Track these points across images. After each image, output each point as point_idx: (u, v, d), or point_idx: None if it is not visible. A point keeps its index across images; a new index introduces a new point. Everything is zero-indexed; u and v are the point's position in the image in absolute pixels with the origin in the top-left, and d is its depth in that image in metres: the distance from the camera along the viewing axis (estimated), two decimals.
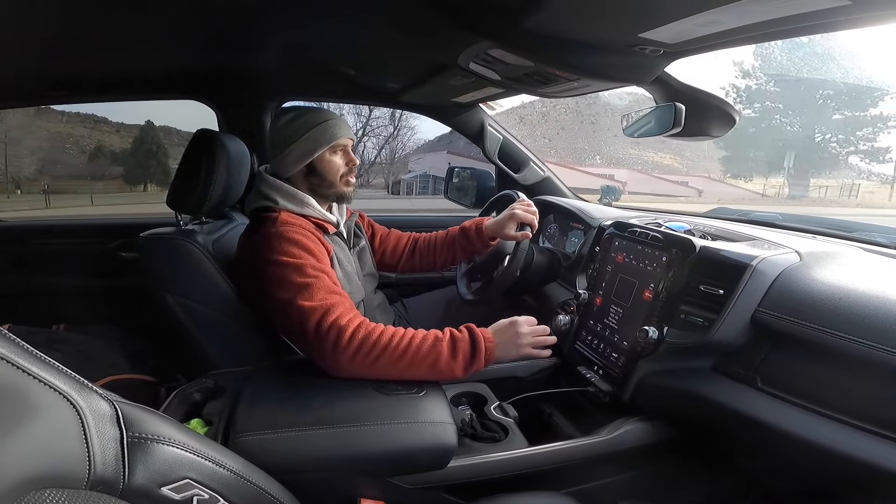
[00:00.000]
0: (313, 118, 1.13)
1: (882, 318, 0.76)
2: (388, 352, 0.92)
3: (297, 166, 1.15)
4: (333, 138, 1.13)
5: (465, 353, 0.95)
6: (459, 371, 0.94)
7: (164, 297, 1.13)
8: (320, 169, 1.15)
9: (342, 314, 0.94)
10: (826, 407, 0.80)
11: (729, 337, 0.93)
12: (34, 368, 0.37)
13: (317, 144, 1.13)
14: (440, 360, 0.93)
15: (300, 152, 1.13)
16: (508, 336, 1.00)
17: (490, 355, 0.96)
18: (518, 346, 1.00)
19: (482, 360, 0.96)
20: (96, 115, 12.60)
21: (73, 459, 0.38)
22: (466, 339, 0.96)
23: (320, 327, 0.92)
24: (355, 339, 0.91)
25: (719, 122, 1.11)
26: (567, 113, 12.85)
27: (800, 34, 0.79)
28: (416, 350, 0.93)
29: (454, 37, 1.01)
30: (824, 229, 1.25)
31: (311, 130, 1.12)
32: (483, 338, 0.97)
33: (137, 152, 12.28)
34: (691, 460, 1.11)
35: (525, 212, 1.34)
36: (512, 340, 1.00)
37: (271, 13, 1.03)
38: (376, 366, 0.92)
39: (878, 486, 0.73)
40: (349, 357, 0.91)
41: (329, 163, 1.15)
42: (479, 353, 0.95)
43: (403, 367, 0.93)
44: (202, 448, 0.51)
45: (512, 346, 1.00)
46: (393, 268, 1.51)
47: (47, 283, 1.87)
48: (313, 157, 1.13)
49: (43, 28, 1.03)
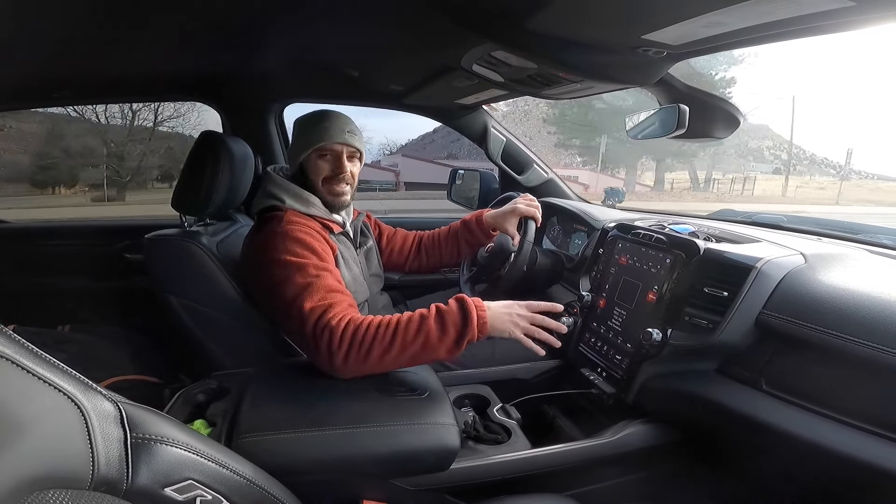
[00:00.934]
0: (316, 119, 1.14)
1: (888, 321, 0.75)
2: (378, 343, 0.89)
3: (293, 164, 1.18)
4: (318, 141, 1.12)
5: (456, 324, 0.90)
6: (451, 344, 0.89)
7: (169, 298, 1.13)
8: (307, 170, 1.15)
9: (335, 314, 0.92)
10: (831, 409, 0.79)
11: (733, 339, 0.93)
12: (38, 369, 0.37)
13: (306, 145, 1.13)
14: (430, 338, 0.89)
15: (294, 150, 1.16)
16: (504, 310, 0.93)
17: (483, 325, 0.90)
18: (513, 324, 0.93)
19: (474, 329, 0.89)
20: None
21: (77, 460, 0.39)
22: (455, 309, 0.91)
23: (316, 330, 0.91)
24: (345, 337, 0.89)
25: (723, 124, 1.11)
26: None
27: (803, 35, 0.78)
28: (403, 334, 0.89)
29: (457, 39, 1.01)
30: (830, 231, 1.24)
31: (308, 130, 1.13)
32: (475, 306, 0.91)
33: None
34: (695, 463, 1.10)
35: (527, 206, 1.34)
36: (507, 316, 0.93)
37: (276, 15, 1.04)
38: (369, 360, 0.89)
39: (884, 490, 0.73)
40: (343, 357, 0.89)
41: (314, 165, 1.14)
42: (470, 321, 0.89)
43: (396, 355, 0.89)
44: (205, 449, 0.51)
45: (507, 321, 0.92)
46: (400, 267, 1.50)
47: (52, 285, 1.88)
48: (301, 157, 1.14)
49: (48, 30, 1.04)
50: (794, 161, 29.21)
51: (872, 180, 24.87)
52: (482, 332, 0.91)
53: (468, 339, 0.90)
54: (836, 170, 30.19)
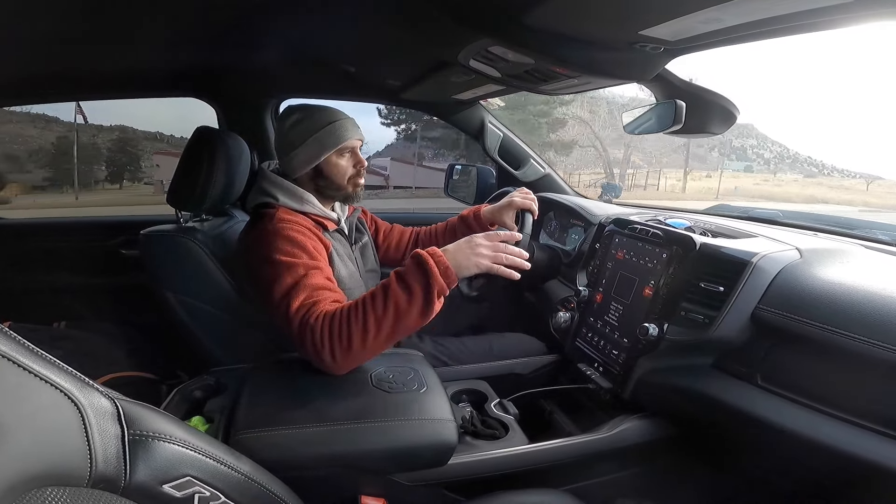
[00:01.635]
0: (319, 120, 1.12)
1: (883, 316, 0.76)
2: (353, 326, 0.87)
3: (303, 169, 1.13)
4: (340, 141, 1.11)
5: (418, 279, 0.86)
6: (420, 302, 0.86)
7: (165, 294, 1.13)
8: (327, 172, 1.13)
9: (313, 312, 0.91)
10: (827, 405, 0.80)
11: (729, 334, 0.93)
12: (35, 366, 0.37)
13: (323, 148, 1.11)
14: (399, 303, 0.86)
15: (306, 156, 1.12)
16: (465, 247, 0.91)
17: (446, 269, 0.87)
18: (478, 256, 0.90)
19: (438, 277, 0.86)
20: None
21: (75, 457, 0.39)
22: (412, 265, 0.88)
23: (301, 332, 0.90)
24: (324, 332, 0.88)
25: (719, 119, 1.10)
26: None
27: (801, 31, 0.78)
28: (372, 310, 0.87)
29: (455, 34, 1.00)
30: (825, 226, 1.25)
31: (317, 133, 1.11)
32: (429, 254, 0.88)
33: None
34: (692, 458, 1.11)
35: (523, 199, 1.33)
36: (469, 250, 0.91)
37: (272, 10, 1.03)
38: (353, 347, 0.87)
39: (878, 485, 0.73)
40: (329, 353, 0.88)
41: (336, 166, 1.13)
42: (431, 271, 0.86)
43: (375, 333, 0.87)
44: (203, 445, 0.51)
45: (470, 256, 0.90)
46: (398, 262, 1.50)
47: (48, 281, 1.87)
48: (319, 161, 1.12)
49: (43, 26, 1.03)
50: (771, 159, 30.01)
51: (844, 178, 25.83)
52: (448, 278, 0.88)
53: (437, 290, 0.86)
54: (818, 168, 31.49)
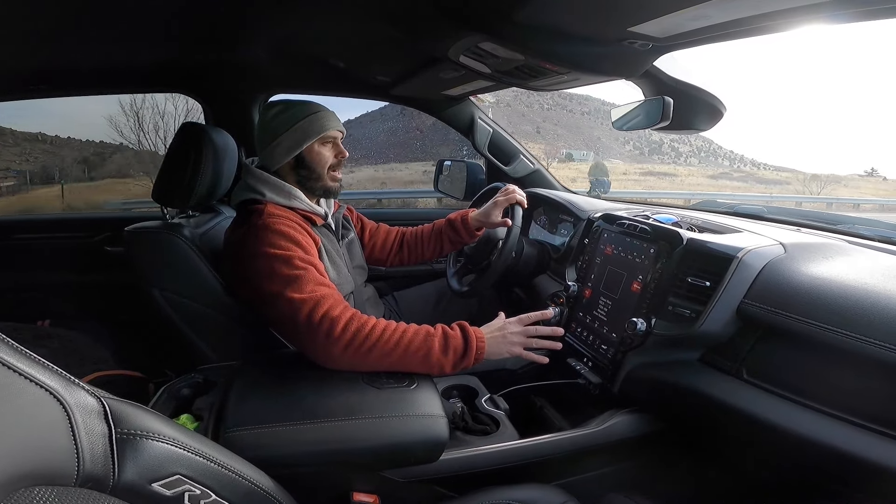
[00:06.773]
0: (302, 110, 1.12)
1: (864, 310, 0.77)
2: (380, 344, 0.93)
3: (285, 158, 1.13)
4: (323, 129, 1.13)
5: (457, 350, 0.96)
6: (449, 367, 0.96)
7: (151, 291, 1.11)
8: (308, 160, 1.13)
9: (333, 305, 0.95)
10: (810, 398, 0.81)
11: (715, 328, 0.94)
12: (19, 364, 0.36)
13: (306, 135, 1.12)
14: (431, 354, 0.95)
15: (289, 143, 1.12)
16: (499, 335, 1.02)
17: (480, 354, 0.98)
18: (510, 344, 1.01)
19: (472, 359, 0.97)
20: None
21: (62, 456, 0.38)
22: (459, 336, 0.98)
23: (311, 318, 0.93)
24: (348, 330, 0.92)
25: (706, 116, 1.12)
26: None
27: (788, 29, 0.79)
28: (407, 344, 0.94)
29: (444, 30, 1.00)
30: (809, 221, 1.26)
31: (301, 121, 1.11)
32: (475, 336, 0.98)
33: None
34: (680, 452, 1.12)
35: (507, 196, 1.36)
36: (502, 338, 1.02)
37: (259, 5, 1.02)
38: (368, 358, 0.93)
39: (863, 479, 0.75)
40: (342, 348, 0.91)
41: (318, 154, 1.14)
42: (470, 351, 0.97)
43: (395, 360, 0.94)
44: (192, 443, 0.50)
45: (502, 344, 1.01)
46: (382, 262, 1.51)
47: (31, 279, 1.84)
48: (302, 149, 1.12)
49: (27, 21, 1.01)
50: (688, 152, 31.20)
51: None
52: (477, 361, 0.98)
53: (464, 365, 0.97)
54: (730, 161, 34.73)
